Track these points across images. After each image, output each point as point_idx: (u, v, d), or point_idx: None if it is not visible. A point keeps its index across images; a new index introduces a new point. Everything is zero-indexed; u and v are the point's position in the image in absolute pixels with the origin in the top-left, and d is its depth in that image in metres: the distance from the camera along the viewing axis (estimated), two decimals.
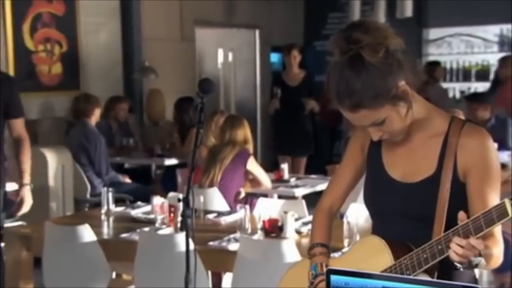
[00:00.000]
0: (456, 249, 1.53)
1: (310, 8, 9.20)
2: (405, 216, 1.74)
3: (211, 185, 4.32)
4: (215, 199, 4.20)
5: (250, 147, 4.52)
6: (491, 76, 8.31)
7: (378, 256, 1.71)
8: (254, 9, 8.40)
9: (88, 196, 5.51)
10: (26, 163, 3.57)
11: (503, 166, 5.18)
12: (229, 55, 8.43)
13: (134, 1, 6.71)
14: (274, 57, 9.20)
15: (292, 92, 6.33)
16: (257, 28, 8.51)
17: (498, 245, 1.65)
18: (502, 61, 6.84)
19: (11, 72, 5.70)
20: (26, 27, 5.86)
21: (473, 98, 5.63)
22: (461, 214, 1.56)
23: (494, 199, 1.66)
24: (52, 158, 5.34)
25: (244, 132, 4.50)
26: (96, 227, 3.49)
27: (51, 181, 5.34)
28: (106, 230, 3.73)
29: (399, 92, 1.63)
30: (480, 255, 1.54)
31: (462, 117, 4.17)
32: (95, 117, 5.61)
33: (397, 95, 1.63)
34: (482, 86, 8.35)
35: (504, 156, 5.26)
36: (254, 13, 8.41)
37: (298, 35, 9.27)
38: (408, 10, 7.22)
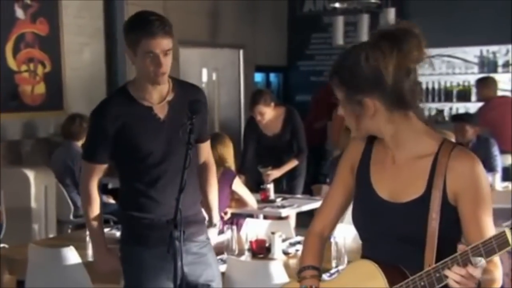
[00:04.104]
0: (455, 278, 1.53)
1: (294, 28, 9.28)
2: (394, 237, 1.73)
3: None
4: None
5: (230, 166, 4.45)
6: (472, 97, 8.41)
7: (372, 281, 1.68)
8: (238, 29, 8.45)
9: (71, 217, 5.45)
10: (214, 197, 2.92)
11: None
12: (213, 75, 8.44)
13: (118, 21, 6.70)
14: (258, 77, 9.24)
15: (272, 143, 5.27)
16: (241, 48, 8.54)
17: (498, 269, 1.65)
18: (482, 81, 6.82)
19: None
20: (9, 47, 5.82)
21: (463, 119, 5.57)
22: (461, 247, 1.56)
23: (488, 223, 1.67)
24: (35, 179, 5.29)
25: (219, 152, 4.31)
26: (81, 249, 3.45)
27: (33, 202, 5.27)
28: (91, 252, 3.67)
29: (362, 100, 1.67)
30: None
31: (453, 139, 4.21)
32: (83, 140, 5.56)
33: (357, 96, 1.68)
34: (463, 106, 8.44)
35: (488, 177, 5.29)
36: (238, 33, 8.45)
37: (282, 55, 9.33)
38: None
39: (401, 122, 1.70)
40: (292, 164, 5.26)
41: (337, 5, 7.48)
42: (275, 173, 5.16)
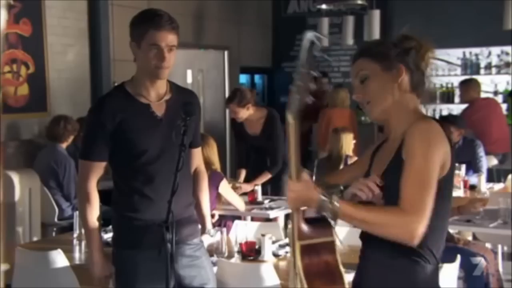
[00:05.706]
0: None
1: (279, 29, 9.29)
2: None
3: None
4: None
5: (217, 168, 4.41)
6: (456, 98, 8.47)
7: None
8: (223, 30, 8.44)
9: (56, 219, 5.40)
10: (207, 204, 2.91)
11: (473, 187, 5.25)
12: (198, 76, 8.42)
13: (103, 22, 6.65)
14: (243, 78, 9.23)
15: (255, 143, 5.15)
16: (226, 49, 8.53)
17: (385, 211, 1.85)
18: (466, 83, 6.85)
19: None
20: None
21: (449, 121, 5.50)
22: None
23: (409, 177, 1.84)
24: (19, 181, 5.22)
25: (205, 153, 4.12)
26: (68, 252, 3.41)
27: (18, 205, 5.21)
28: (78, 255, 3.65)
29: (397, 64, 1.94)
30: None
31: None
32: (68, 142, 5.53)
33: (393, 64, 1.95)
34: (446, 108, 8.51)
35: (473, 178, 5.32)
36: (223, 34, 8.44)
37: (267, 56, 9.34)
38: (375, 32, 7.34)
39: (408, 102, 1.96)
40: (265, 177, 5.05)
41: (322, 6, 7.49)
42: (245, 187, 5.00)
